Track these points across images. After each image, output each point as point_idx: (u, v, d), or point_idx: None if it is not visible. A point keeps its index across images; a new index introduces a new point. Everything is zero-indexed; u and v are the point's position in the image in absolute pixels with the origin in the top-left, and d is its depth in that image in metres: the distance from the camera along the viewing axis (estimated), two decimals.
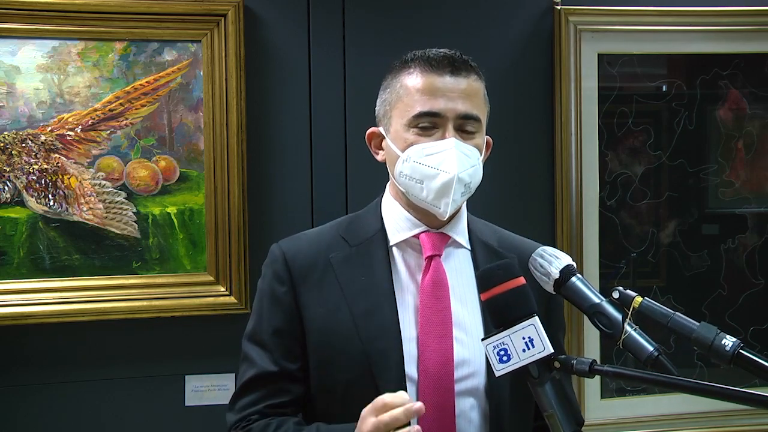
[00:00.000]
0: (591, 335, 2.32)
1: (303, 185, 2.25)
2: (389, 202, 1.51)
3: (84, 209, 2.13)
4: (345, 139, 2.25)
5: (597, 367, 1.16)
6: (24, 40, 2.09)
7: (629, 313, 1.21)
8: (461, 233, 1.49)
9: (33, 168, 2.11)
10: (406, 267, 1.45)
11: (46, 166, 2.12)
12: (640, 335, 1.19)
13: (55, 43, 2.11)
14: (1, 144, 2.09)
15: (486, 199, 2.14)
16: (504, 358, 1.18)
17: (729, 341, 1.13)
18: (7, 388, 2.13)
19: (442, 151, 1.38)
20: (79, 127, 2.13)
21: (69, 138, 2.12)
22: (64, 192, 2.13)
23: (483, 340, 1.21)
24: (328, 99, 2.25)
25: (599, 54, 2.35)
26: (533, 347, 1.17)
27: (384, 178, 1.54)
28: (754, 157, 2.48)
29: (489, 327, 1.37)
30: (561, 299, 1.36)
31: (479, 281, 1.27)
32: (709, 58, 2.42)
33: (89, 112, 2.13)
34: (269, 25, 2.23)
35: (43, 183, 2.12)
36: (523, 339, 1.17)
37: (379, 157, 1.51)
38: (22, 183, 2.11)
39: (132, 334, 2.17)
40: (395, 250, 1.47)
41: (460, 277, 1.46)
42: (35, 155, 2.11)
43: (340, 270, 1.44)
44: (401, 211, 1.48)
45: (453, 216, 1.47)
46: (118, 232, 2.15)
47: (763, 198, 2.49)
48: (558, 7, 2.31)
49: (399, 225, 1.47)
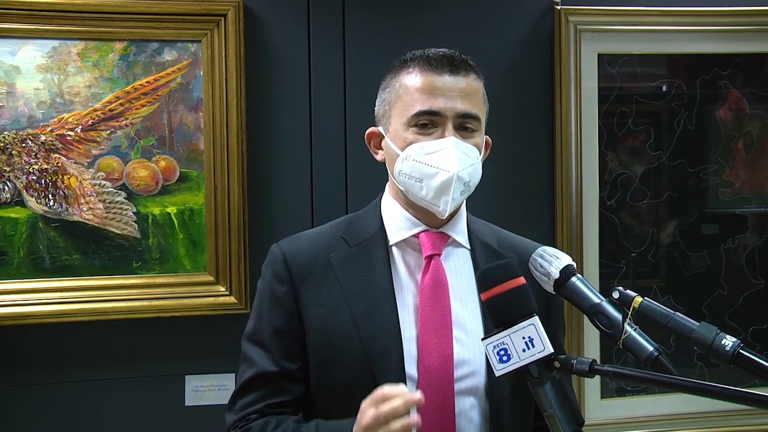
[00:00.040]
0: (591, 335, 2.32)
1: (303, 185, 2.25)
2: (389, 201, 1.51)
3: (84, 209, 2.13)
4: (345, 139, 2.25)
5: (597, 367, 1.16)
6: (24, 40, 2.09)
7: (629, 313, 1.21)
8: (461, 233, 1.50)
9: (33, 168, 2.11)
10: (405, 266, 1.45)
11: (46, 166, 2.12)
12: (640, 335, 1.20)
13: (55, 43, 2.11)
14: (1, 144, 2.09)
15: (486, 199, 2.14)
16: (504, 357, 1.18)
17: (729, 341, 1.13)
18: (7, 388, 2.13)
19: (441, 150, 1.38)
20: (79, 127, 2.13)
21: (69, 138, 2.12)
22: (64, 192, 2.13)
23: (483, 339, 1.21)
24: (328, 99, 2.25)
25: (599, 54, 2.35)
26: (533, 347, 1.17)
27: (384, 178, 1.54)
28: (754, 157, 2.48)
29: (489, 326, 1.38)
30: (561, 299, 1.36)
31: (479, 281, 1.27)
32: (709, 58, 2.42)
33: (89, 112, 2.13)
34: (269, 25, 2.23)
35: (43, 183, 2.12)
36: (523, 339, 1.17)
37: (379, 157, 1.51)
38: (22, 183, 2.11)
39: (132, 334, 2.17)
40: (395, 249, 1.47)
41: (459, 277, 1.46)
42: (35, 155, 2.11)
43: (340, 270, 1.44)
44: (401, 211, 1.48)
45: (452, 215, 1.47)
46: (118, 232, 2.15)
47: (763, 198, 2.49)
48: (558, 7, 2.31)
49: (398, 224, 1.47)
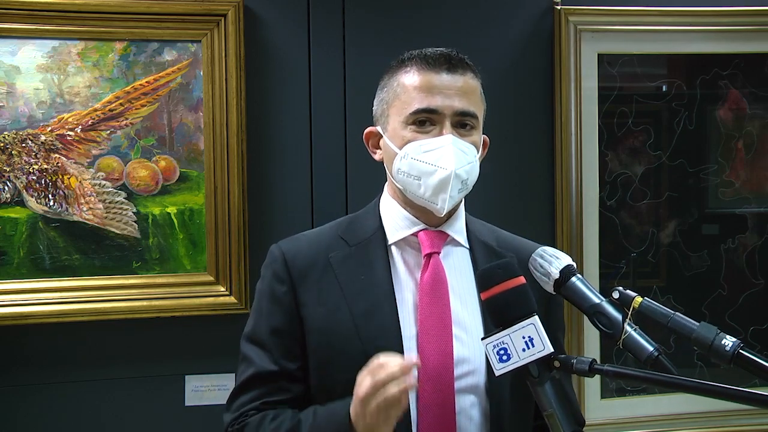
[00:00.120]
0: (591, 335, 2.32)
1: (303, 185, 2.25)
2: (387, 201, 1.51)
3: (84, 209, 2.13)
4: (345, 139, 2.25)
5: (597, 367, 1.16)
6: (24, 40, 2.09)
7: (629, 313, 1.21)
8: (459, 232, 1.50)
9: (33, 168, 2.11)
10: (405, 265, 1.46)
11: (46, 166, 2.12)
12: (640, 335, 1.20)
13: (55, 43, 2.11)
14: (1, 144, 2.09)
15: (486, 199, 2.14)
16: (504, 357, 1.18)
17: (729, 341, 1.13)
18: (7, 388, 2.13)
19: (439, 148, 1.39)
20: (79, 127, 2.13)
21: (69, 138, 2.12)
22: (64, 192, 2.13)
23: (483, 339, 1.21)
24: (328, 99, 2.25)
25: (599, 54, 2.35)
26: (533, 346, 1.17)
27: (384, 178, 1.54)
28: (754, 157, 2.48)
29: (488, 326, 1.38)
30: (561, 299, 1.36)
31: (479, 280, 1.27)
32: (709, 58, 2.42)
33: (89, 112, 2.13)
34: (269, 25, 2.23)
35: (43, 183, 2.12)
36: (523, 338, 1.17)
37: (377, 157, 1.52)
38: (22, 183, 2.11)
39: (132, 334, 2.17)
40: (394, 248, 1.47)
41: (459, 275, 1.46)
42: (35, 155, 2.11)
43: (339, 270, 1.44)
44: (399, 210, 1.48)
45: (451, 214, 1.47)
46: (118, 232, 2.15)
47: (763, 198, 2.49)
48: (558, 7, 2.31)
49: (397, 224, 1.47)
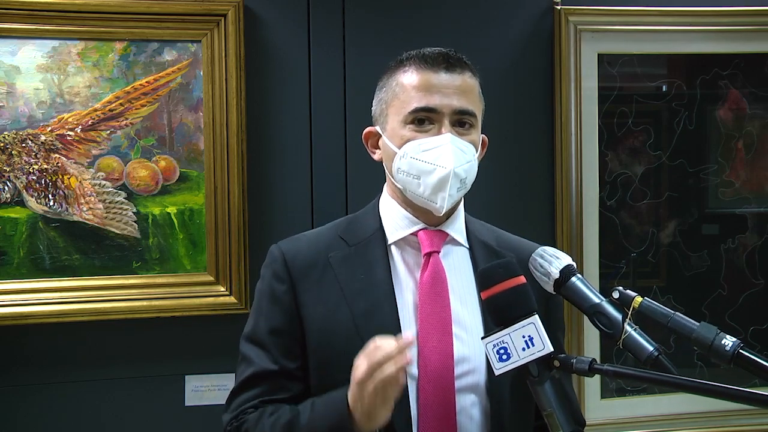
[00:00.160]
0: (591, 335, 2.32)
1: (303, 185, 2.25)
2: (387, 201, 1.51)
3: (84, 209, 2.13)
4: (345, 139, 2.25)
5: (597, 366, 1.16)
6: (24, 40, 2.09)
7: (629, 313, 1.21)
8: (459, 231, 1.50)
9: (33, 168, 2.11)
10: (404, 265, 1.46)
11: (46, 166, 2.12)
12: (640, 335, 1.20)
13: (55, 43, 2.11)
14: (1, 144, 2.09)
15: (486, 199, 2.15)
16: (504, 356, 1.18)
17: (729, 341, 1.13)
18: (7, 388, 2.13)
19: (438, 147, 1.39)
20: (79, 127, 2.13)
21: (69, 138, 2.12)
22: (64, 192, 2.13)
23: (483, 338, 1.21)
24: (328, 99, 2.25)
25: (599, 54, 2.35)
26: (533, 346, 1.17)
27: (383, 178, 1.54)
28: (754, 157, 2.48)
29: (488, 325, 1.38)
30: (560, 299, 1.36)
31: (479, 279, 1.27)
32: (709, 58, 2.42)
33: (89, 112, 2.13)
34: (269, 25, 2.23)
35: (43, 183, 2.12)
36: (523, 338, 1.17)
37: (376, 157, 1.52)
38: (22, 183, 2.11)
39: (132, 334, 2.17)
40: (394, 248, 1.47)
41: (458, 275, 1.46)
42: (35, 155, 2.11)
43: (339, 269, 1.44)
44: (399, 210, 1.48)
45: (450, 214, 1.48)
46: (118, 232, 2.15)
47: (763, 198, 2.49)
48: (558, 7, 2.31)
49: (397, 223, 1.48)
